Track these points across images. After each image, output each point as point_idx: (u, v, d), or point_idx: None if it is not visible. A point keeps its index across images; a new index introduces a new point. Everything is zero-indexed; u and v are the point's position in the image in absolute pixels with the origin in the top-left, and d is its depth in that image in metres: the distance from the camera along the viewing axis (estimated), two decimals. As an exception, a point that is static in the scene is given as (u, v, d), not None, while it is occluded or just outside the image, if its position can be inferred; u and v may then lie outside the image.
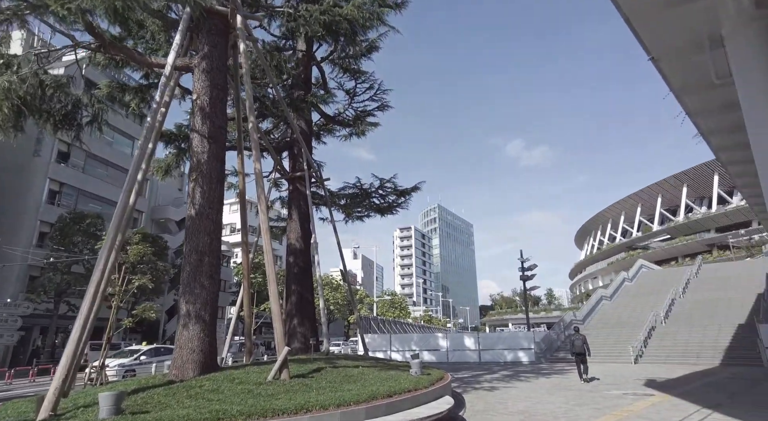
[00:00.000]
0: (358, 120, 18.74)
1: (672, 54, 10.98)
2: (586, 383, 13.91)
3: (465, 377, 17.00)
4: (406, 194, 18.14)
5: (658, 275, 42.94)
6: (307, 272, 15.27)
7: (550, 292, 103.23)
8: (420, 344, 27.28)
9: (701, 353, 21.11)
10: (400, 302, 62.45)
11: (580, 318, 30.91)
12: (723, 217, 65.42)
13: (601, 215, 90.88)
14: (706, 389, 11.64)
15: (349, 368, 9.25)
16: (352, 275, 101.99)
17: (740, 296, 28.99)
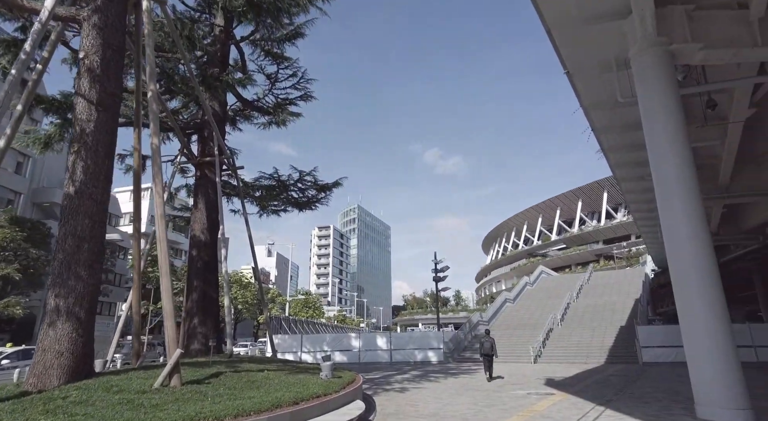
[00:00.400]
0: (278, 108, 17.73)
1: (585, 70, 11.64)
2: (491, 381, 14.75)
3: (376, 378, 16.74)
4: (326, 189, 17.47)
5: (555, 280, 46.59)
6: (213, 266, 13.99)
7: (458, 294, 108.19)
8: (332, 344, 26.67)
9: (590, 352, 23.02)
10: (314, 302, 61.12)
11: (486, 319, 32.37)
12: (609, 230, 73.91)
13: (507, 223, 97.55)
14: (597, 386, 12.47)
15: (252, 372, 8.42)
16: (265, 273, 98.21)
17: (622, 301, 32.30)
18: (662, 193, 8.53)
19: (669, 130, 8.44)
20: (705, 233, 7.94)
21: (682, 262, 7.99)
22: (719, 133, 13.77)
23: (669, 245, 8.30)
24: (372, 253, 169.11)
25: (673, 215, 8.23)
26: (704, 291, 7.54)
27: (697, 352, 7.50)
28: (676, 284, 8.11)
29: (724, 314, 7.44)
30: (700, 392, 7.34)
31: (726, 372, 7.09)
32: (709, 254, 7.79)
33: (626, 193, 21.42)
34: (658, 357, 19.96)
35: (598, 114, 13.68)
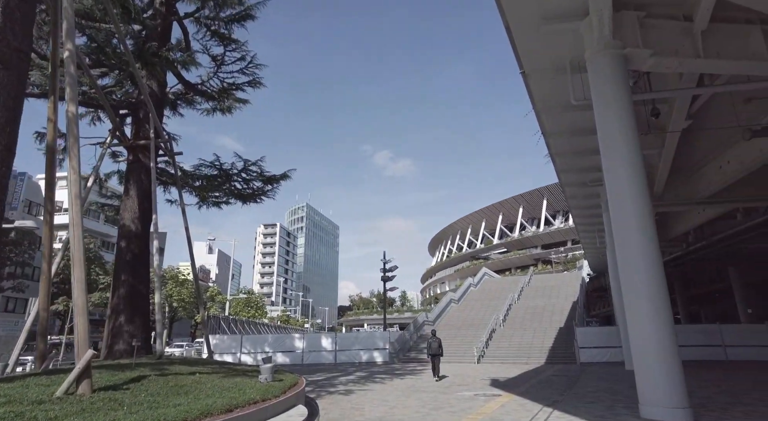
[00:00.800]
0: (224, 93, 16.68)
1: (540, 71, 11.69)
2: (438, 381, 14.96)
3: (320, 380, 16.10)
4: (273, 182, 16.56)
5: (498, 282, 47.88)
6: (144, 260, 12.77)
7: (404, 294, 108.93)
8: (274, 345, 25.62)
9: (531, 353, 23.61)
10: (257, 301, 58.91)
11: (431, 319, 32.51)
12: (547, 236, 78.05)
13: (452, 227, 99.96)
14: (541, 386, 12.59)
15: (182, 375, 7.58)
16: (205, 270, 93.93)
17: (561, 303, 33.63)
18: (614, 191, 8.60)
19: (623, 130, 8.54)
20: (654, 237, 8.08)
21: (631, 266, 8.05)
22: (658, 142, 14.45)
23: (619, 248, 8.37)
24: (320, 252, 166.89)
25: (624, 216, 8.30)
26: (652, 296, 7.63)
27: (643, 355, 7.58)
28: (625, 288, 8.17)
29: (669, 318, 7.58)
30: (645, 393, 7.42)
31: (670, 374, 7.20)
32: (657, 259, 7.92)
33: (570, 199, 22.18)
34: (594, 357, 20.77)
35: (549, 117, 13.89)
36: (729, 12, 9.52)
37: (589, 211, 24.12)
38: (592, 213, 24.49)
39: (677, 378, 7.15)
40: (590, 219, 25.75)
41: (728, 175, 16.26)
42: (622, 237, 8.30)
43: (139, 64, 12.56)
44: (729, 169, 16.13)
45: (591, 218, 25.38)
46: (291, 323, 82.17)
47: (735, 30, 9.57)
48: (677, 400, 7.01)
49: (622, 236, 8.31)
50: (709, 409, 8.23)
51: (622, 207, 8.36)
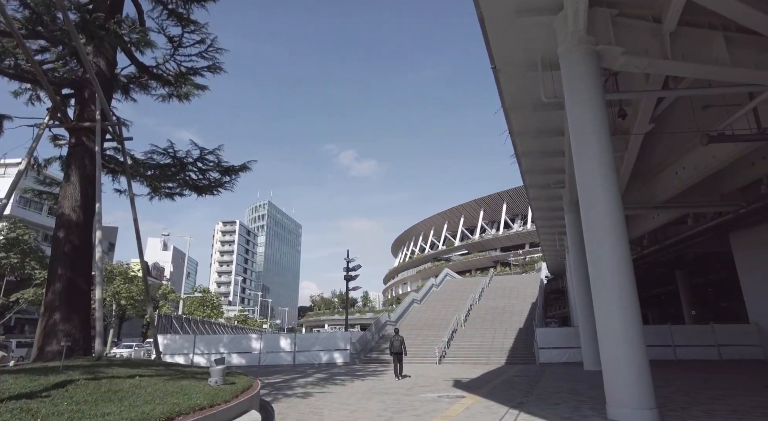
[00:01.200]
0: (181, 78, 15.67)
1: (511, 67, 11.48)
2: (401, 380, 15.07)
3: (277, 383, 15.39)
4: (231, 173, 15.67)
5: (459, 283, 48.28)
6: (84, 252, 11.67)
7: (366, 295, 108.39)
8: (230, 346, 24.52)
9: (492, 353, 23.70)
10: (212, 300, 56.65)
11: (394, 319, 32.22)
12: (506, 239, 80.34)
13: (415, 228, 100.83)
14: (504, 387, 12.45)
15: (120, 379, 6.78)
16: (158, 268, 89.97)
17: (520, 304, 34.15)
18: (585, 190, 8.47)
19: (595, 127, 8.43)
20: (625, 237, 7.99)
21: (602, 266, 7.93)
22: (622, 145, 14.67)
23: (590, 248, 8.24)
24: (281, 251, 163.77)
25: (596, 216, 8.18)
26: (622, 297, 7.53)
27: (612, 356, 7.46)
28: (595, 289, 8.04)
29: (638, 319, 7.49)
30: (613, 394, 7.29)
31: (638, 375, 7.10)
32: (627, 260, 7.84)
33: (533, 200, 22.43)
34: (553, 358, 21.04)
35: (518, 116, 13.82)
36: (694, 16, 9.67)
37: (551, 213, 24.53)
38: (554, 215, 24.93)
39: (645, 379, 7.06)
40: (552, 222, 26.22)
41: (683, 181, 16.80)
42: (593, 237, 8.18)
43: (84, 40, 11.49)
44: (684, 176, 16.67)
45: (552, 220, 25.84)
46: (249, 323, 79.88)
47: (700, 34, 9.73)
48: (645, 401, 6.91)
49: (593, 236, 8.19)
50: (670, 409, 8.23)
51: (594, 206, 8.25)
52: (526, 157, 16.91)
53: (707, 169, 15.50)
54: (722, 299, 36.70)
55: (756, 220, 19.28)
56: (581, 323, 18.24)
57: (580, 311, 18.40)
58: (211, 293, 59.03)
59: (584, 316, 18.20)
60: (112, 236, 64.50)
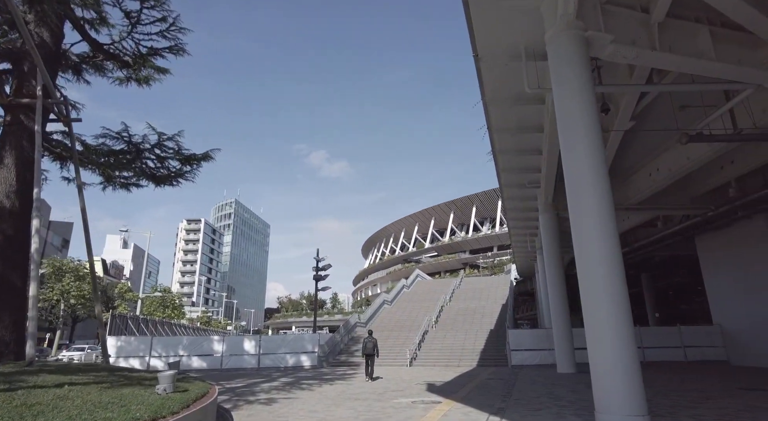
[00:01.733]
0: (140, 59, 14.47)
1: (493, 56, 10.90)
2: (371, 382, 15.04)
3: (239, 388, 14.38)
4: (193, 162, 14.52)
5: (430, 284, 47.99)
6: (19, 244, 10.39)
7: (335, 296, 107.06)
8: (190, 348, 23.15)
9: (464, 355, 23.29)
10: (173, 301, 54.04)
11: (364, 321, 31.46)
12: (475, 241, 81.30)
13: (386, 229, 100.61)
14: (480, 392, 11.93)
15: (43, 389, 5.77)
16: (117, 266, 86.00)
17: (491, 306, 34.04)
18: (574, 184, 8.01)
19: (585, 116, 7.98)
20: (615, 236, 7.55)
21: (592, 266, 7.44)
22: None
23: (579, 248, 7.76)
24: (248, 252, 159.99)
25: (586, 214, 7.72)
26: (613, 298, 7.04)
27: (602, 360, 6.95)
28: (584, 290, 7.53)
29: (629, 322, 7.03)
30: (603, 400, 6.79)
31: (630, 380, 6.62)
32: (618, 259, 7.39)
33: (507, 200, 22.18)
34: (525, 360, 20.79)
35: (497, 110, 13.37)
36: (681, 9, 9.44)
37: (524, 214, 24.38)
38: (527, 216, 24.80)
39: (637, 384, 6.60)
40: (524, 222, 26.11)
41: (657, 182, 16.83)
42: (583, 234, 7.71)
43: (23, 5, 10.26)
44: (658, 178, 16.69)
45: (525, 221, 25.73)
46: (213, 325, 77.26)
47: (686, 27, 9.51)
48: (637, 407, 6.44)
49: (583, 233, 7.72)
50: (658, 414, 7.85)
51: (583, 200, 7.80)
52: (504, 154, 16.55)
53: (681, 171, 15.54)
54: (684, 301, 37.78)
55: (723, 223, 19.62)
56: (555, 325, 18.01)
57: (554, 313, 18.17)
58: (173, 293, 56.25)
59: (558, 318, 17.99)
60: (66, 231, 61.02)
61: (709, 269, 21.86)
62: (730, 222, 19.56)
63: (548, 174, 16.71)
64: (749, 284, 19.33)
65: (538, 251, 29.10)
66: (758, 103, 11.81)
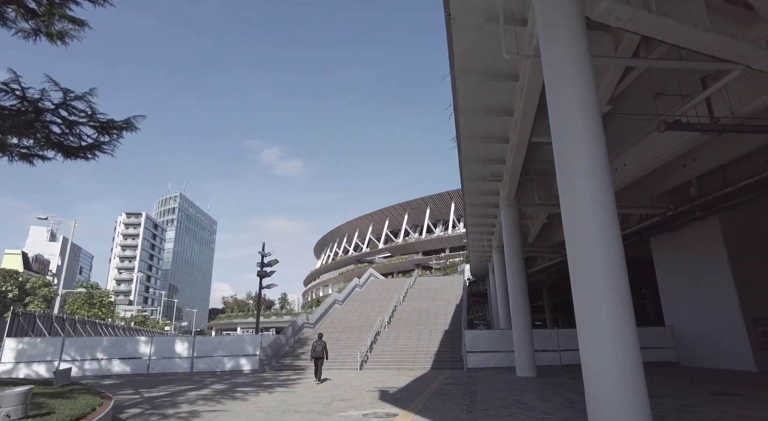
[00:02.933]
0: (51, 7, 11.98)
1: (467, 16, 9.65)
2: (319, 384, 14.96)
3: (159, 397, 12.24)
4: (112, 130, 12.18)
5: (384, 283, 46.67)
6: None
7: (284, 297, 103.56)
8: (112, 350, 20.35)
9: (417, 357, 21.98)
10: (101, 298, 48.94)
11: (313, 321, 29.55)
12: (428, 243, 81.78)
13: (340, 229, 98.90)
14: (440, 400, 10.55)
15: None
16: (42, 260, 78.55)
17: (445, 306, 33.12)
18: (566, 170, 6.81)
19: (580, 88, 6.80)
20: (617, 229, 6.40)
21: (587, 262, 6.26)
22: (571, 131, 13.56)
23: (572, 242, 6.56)
24: (192, 249, 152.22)
25: (580, 203, 6.53)
26: (614, 296, 5.88)
27: (599, 367, 5.74)
28: (577, 281, 6.32)
29: (631, 318, 5.85)
30: (600, 414, 5.53)
31: (634, 393, 5.42)
32: (620, 251, 6.24)
33: (467, 194, 21.11)
34: (482, 362, 19.75)
35: (466, 85, 12.06)
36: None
37: (483, 210, 23.48)
38: (486, 213, 23.92)
39: (642, 396, 5.39)
40: (482, 219, 25.25)
41: (624, 178, 16.23)
42: (576, 229, 6.53)
43: None
44: (625, 173, 16.10)
45: (483, 218, 24.85)
46: (149, 325, 72.01)
47: (681, -7, 8.60)
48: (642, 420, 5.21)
49: (578, 221, 6.52)
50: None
51: (577, 181, 6.61)
52: (468, 140, 15.34)
53: (649, 165, 14.97)
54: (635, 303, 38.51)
55: (679, 224, 19.51)
56: (515, 325, 17.03)
57: (514, 313, 17.19)
58: (101, 290, 51.13)
59: (518, 318, 17.01)
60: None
61: (664, 270, 21.84)
62: (685, 223, 19.48)
63: (514, 165, 15.68)
64: (701, 286, 19.33)
65: (495, 250, 28.41)
66: (735, 93, 11.26)
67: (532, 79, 10.55)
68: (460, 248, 77.78)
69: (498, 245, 27.70)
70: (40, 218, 31.15)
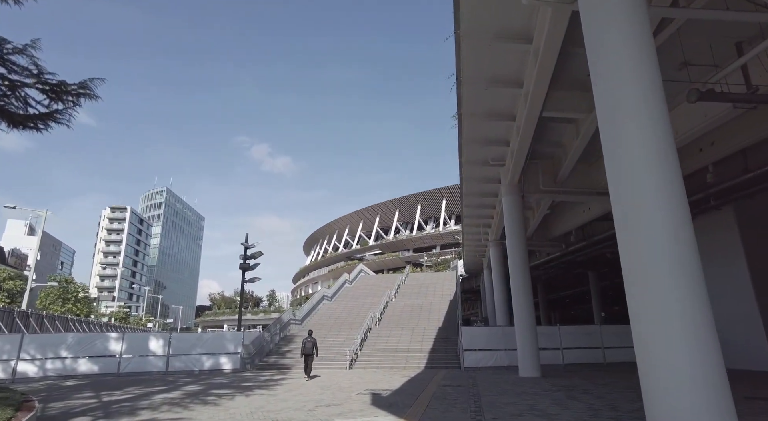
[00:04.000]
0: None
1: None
2: (308, 380, 14.87)
3: (120, 401, 10.72)
4: (64, 95, 10.57)
5: (374, 279, 45.23)
6: None
7: (272, 294, 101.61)
8: (78, 348, 18.65)
9: (410, 356, 20.62)
10: (76, 292, 46.37)
11: (299, 318, 28.03)
12: (419, 240, 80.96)
13: (330, 226, 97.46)
14: (443, 406, 9.15)
15: None
16: (20, 254, 75.80)
17: (438, 302, 31.78)
18: (615, 136, 5.44)
19: (632, 45, 5.43)
20: (682, 194, 5.06)
21: (651, 233, 4.91)
22: (584, 105, 12.22)
23: (624, 213, 5.24)
24: (179, 245, 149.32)
25: (641, 158, 5.18)
26: (687, 273, 4.53)
27: (665, 368, 4.35)
28: (633, 264, 4.96)
29: (710, 311, 4.48)
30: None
31: (716, 399, 4.05)
32: (688, 222, 4.89)
33: (466, 181, 19.67)
34: (479, 361, 18.43)
35: (472, 50, 10.62)
36: None
37: (481, 200, 22.16)
38: (484, 203, 22.61)
39: (725, 397, 4.02)
40: (480, 210, 23.94)
41: (635, 162, 15.01)
42: (632, 197, 5.18)
43: None
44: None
45: (481, 208, 23.55)
46: (132, 322, 69.79)
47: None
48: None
49: (633, 196, 5.19)
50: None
51: (632, 138, 5.24)
52: (471, 118, 13.93)
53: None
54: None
55: (693, 213, 18.27)
56: (518, 322, 15.68)
57: (517, 308, 15.83)
58: (75, 284, 48.69)
59: (522, 314, 15.67)
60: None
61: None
62: (698, 213, 18.30)
63: (520, 146, 14.28)
64: (714, 280, 18.14)
65: (491, 243, 27.13)
66: (776, 60, 10.02)
67: (551, 36, 9.13)
68: (451, 245, 76.74)
69: (495, 237, 26.42)
70: (7, 206, 29.09)
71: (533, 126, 12.94)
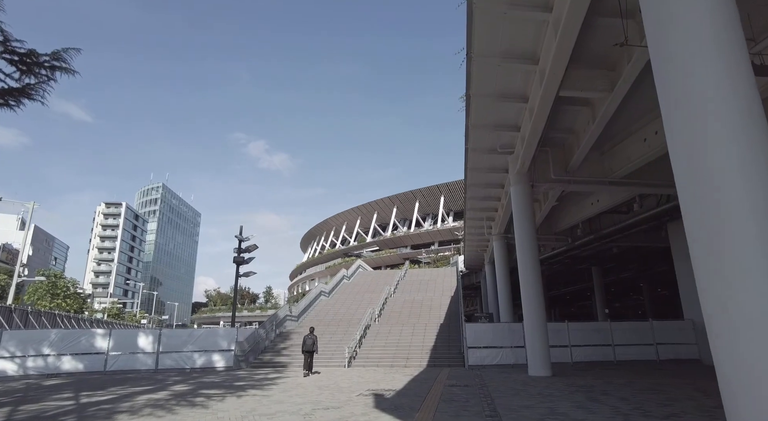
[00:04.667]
0: None
1: None
2: (307, 377, 14.66)
3: (100, 402, 9.84)
4: (36, 67, 9.62)
5: (373, 275, 44.36)
6: None
7: (269, 290, 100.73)
8: (61, 345, 17.72)
9: (411, 353, 19.74)
10: (65, 287, 45.07)
11: (296, 314, 27.10)
12: (417, 237, 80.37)
13: (327, 223, 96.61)
14: (453, 409, 8.29)
15: None
16: (11, 250, 74.55)
17: (439, 298, 30.91)
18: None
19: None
20: None
21: (726, 199, 4.04)
22: (606, 83, 11.29)
23: (690, 178, 4.31)
24: (175, 241, 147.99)
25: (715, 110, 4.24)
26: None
27: (753, 367, 3.43)
28: (700, 242, 4.19)
29: None
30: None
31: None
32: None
33: (471, 171, 18.71)
34: (484, 359, 17.57)
35: (485, 20, 9.67)
36: None
37: (486, 191, 21.24)
38: (489, 195, 21.70)
39: None
40: (484, 203, 23.02)
41: (652, 149, 14.07)
42: (708, 144, 4.25)
43: None
44: (655, 143, 13.92)
45: (486, 200, 22.62)
46: (125, 318, 68.70)
47: None
48: None
49: (708, 143, 4.26)
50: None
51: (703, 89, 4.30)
52: (480, 98, 12.97)
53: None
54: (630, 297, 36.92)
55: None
56: (527, 318, 14.81)
57: (526, 304, 14.94)
58: (65, 279, 47.38)
59: (531, 309, 14.78)
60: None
61: (682, 259, 19.86)
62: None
63: (533, 130, 13.36)
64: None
65: (495, 237, 26.26)
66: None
67: (575, 3, 8.21)
68: (449, 242, 75.93)
69: (499, 231, 25.54)
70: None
71: (548, 106, 12.02)
